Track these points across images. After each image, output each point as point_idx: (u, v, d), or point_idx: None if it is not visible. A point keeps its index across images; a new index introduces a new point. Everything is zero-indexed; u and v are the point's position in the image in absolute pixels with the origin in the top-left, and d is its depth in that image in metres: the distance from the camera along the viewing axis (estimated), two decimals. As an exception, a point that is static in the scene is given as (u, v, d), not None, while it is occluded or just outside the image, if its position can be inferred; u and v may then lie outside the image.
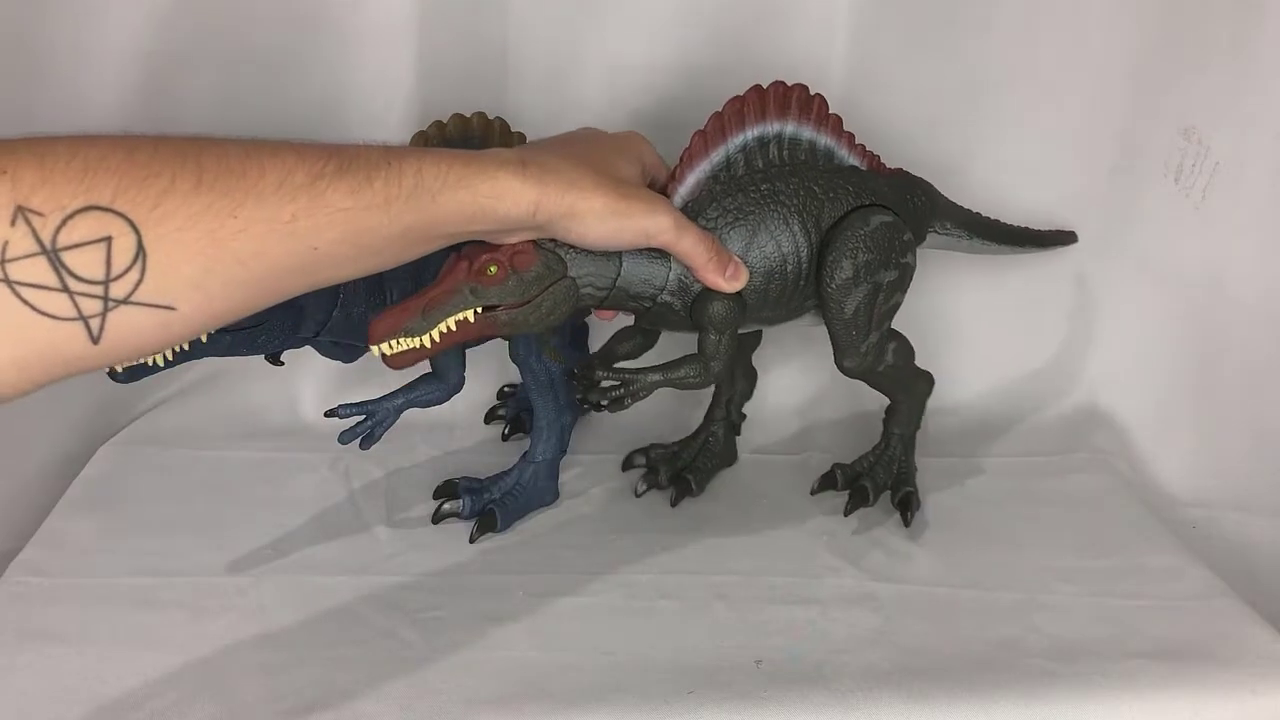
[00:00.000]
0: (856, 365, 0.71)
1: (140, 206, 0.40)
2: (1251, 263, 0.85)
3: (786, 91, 0.66)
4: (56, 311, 0.39)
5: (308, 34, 0.83)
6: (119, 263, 0.40)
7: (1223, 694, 0.60)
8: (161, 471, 0.82)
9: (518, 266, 0.59)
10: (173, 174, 0.41)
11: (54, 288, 0.39)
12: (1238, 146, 0.84)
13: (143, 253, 0.40)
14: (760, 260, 0.66)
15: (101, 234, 0.39)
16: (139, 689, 0.58)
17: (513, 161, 0.53)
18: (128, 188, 0.40)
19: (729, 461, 0.82)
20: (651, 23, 0.84)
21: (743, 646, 0.63)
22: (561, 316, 0.63)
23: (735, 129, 0.65)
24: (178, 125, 0.83)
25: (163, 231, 0.41)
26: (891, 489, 0.77)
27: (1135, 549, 0.75)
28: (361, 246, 0.47)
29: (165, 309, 0.41)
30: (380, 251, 0.49)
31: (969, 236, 0.80)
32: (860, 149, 0.71)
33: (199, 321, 0.43)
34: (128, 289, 0.40)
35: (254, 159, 0.44)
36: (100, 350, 0.41)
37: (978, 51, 0.85)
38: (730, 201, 0.65)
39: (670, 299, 0.64)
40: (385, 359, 0.59)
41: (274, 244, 0.44)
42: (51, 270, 0.39)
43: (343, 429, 0.77)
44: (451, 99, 0.78)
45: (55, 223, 0.38)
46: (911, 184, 0.75)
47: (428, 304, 0.59)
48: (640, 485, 0.79)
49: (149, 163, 0.41)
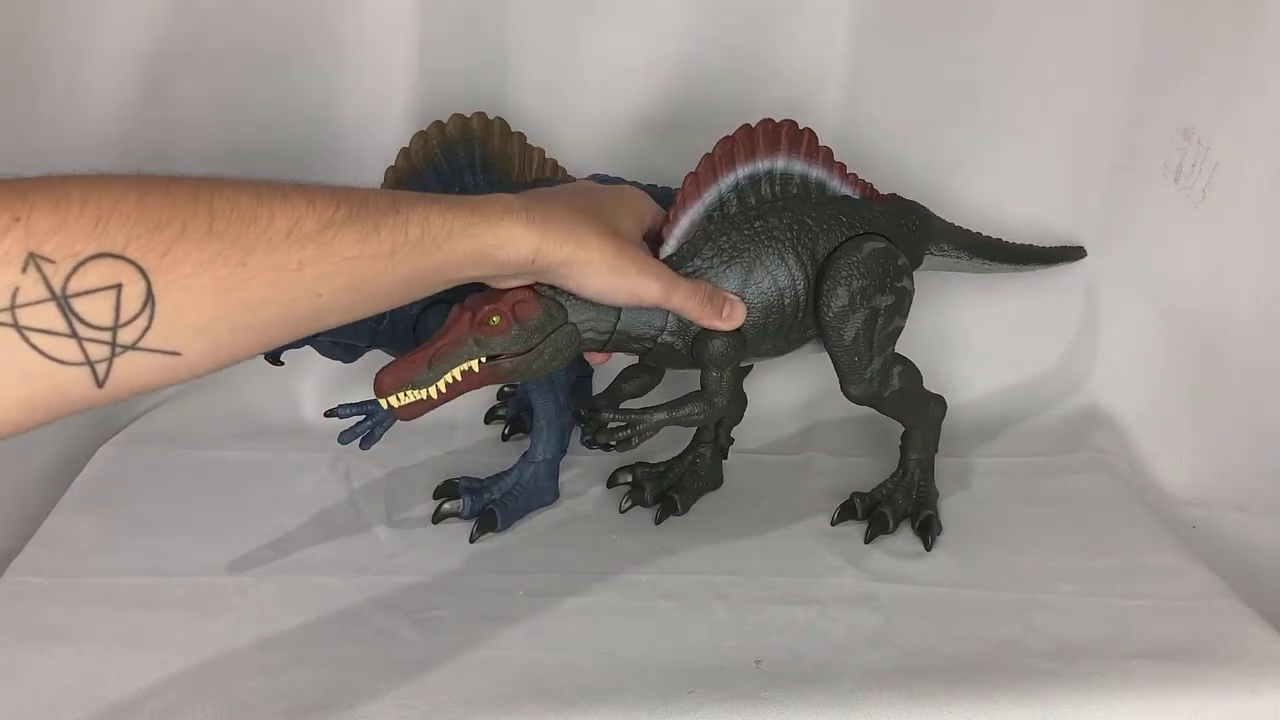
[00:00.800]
0: (862, 391, 0.71)
1: (151, 253, 0.40)
2: (1251, 263, 0.85)
3: (775, 128, 0.67)
4: (64, 356, 0.39)
5: (308, 34, 0.83)
6: (128, 309, 0.40)
7: (1223, 694, 0.60)
8: (161, 471, 0.82)
9: (520, 316, 0.61)
10: (184, 220, 0.41)
11: (63, 333, 0.39)
12: (1238, 146, 0.84)
13: (151, 300, 0.40)
14: (757, 296, 0.67)
15: (112, 281, 0.40)
16: (139, 689, 0.58)
17: (516, 208, 0.54)
18: (140, 234, 0.40)
19: (715, 484, 0.82)
20: (651, 23, 0.84)
21: (743, 646, 0.63)
22: (565, 361, 0.64)
23: (726, 169, 0.66)
24: (178, 125, 0.85)
25: (172, 278, 0.41)
26: (911, 514, 0.77)
27: (1135, 549, 0.75)
28: (365, 294, 0.48)
29: (171, 354, 0.42)
30: (383, 297, 0.50)
31: (969, 257, 0.81)
32: (853, 178, 0.71)
33: (203, 366, 0.44)
34: (135, 335, 0.41)
35: (265, 204, 0.44)
36: (104, 393, 0.41)
37: (977, 52, 0.85)
38: (725, 240, 0.66)
39: (671, 339, 0.66)
40: (393, 411, 0.60)
41: (281, 291, 0.44)
42: (61, 316, 0.39)
43: (343, 429, 0.77)
44: (451, 99, 0.78)
45: (66, 270, 0.39)
46: (905, 209, 0.75)
47: (433, 355, 0.60)
48: (625, 501, 0.79)
49: (161, 208, 0.41)
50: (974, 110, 0.87)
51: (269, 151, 0.87)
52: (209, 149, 0.86)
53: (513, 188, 0.77)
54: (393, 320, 0.73)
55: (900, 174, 0.78)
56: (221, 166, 0.91)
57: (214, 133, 0.85)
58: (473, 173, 0.77)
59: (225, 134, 0.86)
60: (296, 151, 0.87)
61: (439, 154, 0.75)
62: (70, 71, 0.80)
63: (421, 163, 0.75)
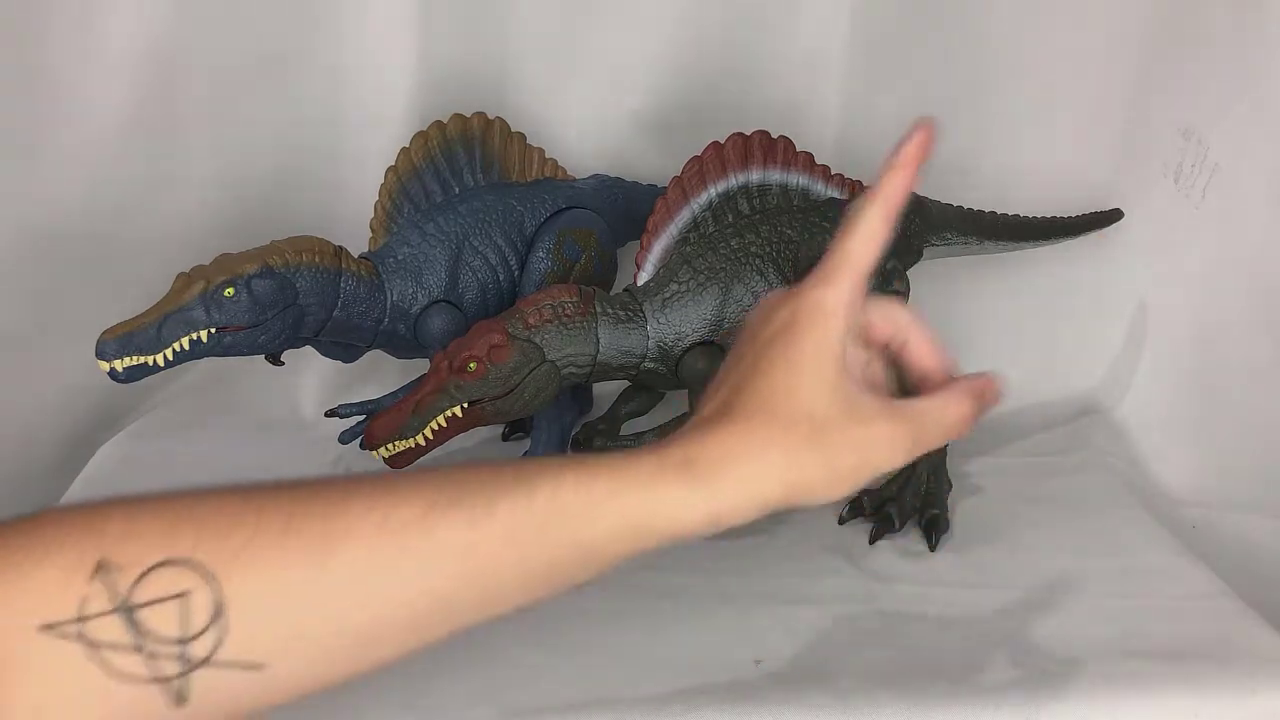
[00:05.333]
0: None
1: (220, 555, 0.36)
2: (1251, 263, 0.85)
3: (745, 141, 0.67)
4: (133, 673, 0.35)
5: (308, 34, 0.83)
6: (198, 621, 0.36)
7: (1223, 694, 0.60)
8: (162, 470, 0.82)
9: (495, 360, 0.62)
10: (258, 518, 0.37)
11: (129, 647, 0.35)
12: (1238, 146, 0.84)
13: (222, 608, 0.36)
14: (739, 314, 0.67)
15: (178, 589, 0.36)
16: (139, 689, 0.58)
17: (674, 462, 0.40)
18: (209, 537, 0.36)
19: None
20: (651, 23, 0.84)
21: (743, 646, 0.63)
22: (549, 398, 0.65)
23: (697, 189, 0.66)
24: (178, 125, 0.85)
25: (245, 583, 0.36)
26: (919, 511, 0.77)
27: (1135, 549, 0.75)
28: (485, 589, 0.40)
29: (254, 668, 0.37)
30: (509, 590, 0.41)
31: (979, 241, 0.80)
32: (838, 179, 0.71)
33: (299, 682, 0.38)
34: (208, 649, 0.36)
35: (356, 495, 0.38)
36: (187, 714, 0.36)
37: (978, 51, 0.85)
38: (701, 262, 0.66)
39: (654, 365, 0.66)
40: (385, 461, 0.62)
41: (373, 593, 0.38)
42: (127, 629, 0.35)
43: (343, 429, 0.77)
44: (451, 99, 0.78)
45: (132, 577, 0.35)
46: None
47: (418, 405, 0.62)
48: None
49: (237, 508, 0.37)
50: (974, 111, 0.87)
51: (269, 152, 0.87)
52: (209, 149, 0.86)
53: (514, 188, 0.78)
54: (393, 320, 0.73)
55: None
56: (221, 166, 0.92)
57: (214, 133, 0.86)
58: (473, 173, 0.77)
59: (226, 134, 0.86)
60: (297, 152, 0.87)
61: (439, 154, 0.75)
62: (70, 71, 0.80)
63: (421, 163, 0.75)
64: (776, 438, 0.40)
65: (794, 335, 0.42)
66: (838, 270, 0.44)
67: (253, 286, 0.66)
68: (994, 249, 0.81)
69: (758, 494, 0.40)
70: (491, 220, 0.76)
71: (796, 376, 0.42)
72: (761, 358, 0.43)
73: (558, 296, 0.66)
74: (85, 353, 0.63)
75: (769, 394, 0.41)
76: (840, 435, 0.41)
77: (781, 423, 0.41)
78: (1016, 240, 0.83)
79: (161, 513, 0.37)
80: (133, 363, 0.64)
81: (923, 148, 0.46)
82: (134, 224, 0.86)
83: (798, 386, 0.41)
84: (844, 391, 0.42)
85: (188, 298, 0.65)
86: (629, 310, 0.68)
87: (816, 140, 0.75)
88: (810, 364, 0.42)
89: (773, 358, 0.42)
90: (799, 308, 0.43)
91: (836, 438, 0.41)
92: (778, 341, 0.43)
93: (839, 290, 0.43)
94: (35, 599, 0.35)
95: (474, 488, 0.39)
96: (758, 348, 0.43)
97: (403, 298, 0.73)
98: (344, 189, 0.86)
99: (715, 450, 0.40)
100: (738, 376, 0.43)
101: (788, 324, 0.43)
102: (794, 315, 0.43)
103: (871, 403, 0.43)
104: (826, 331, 0.42)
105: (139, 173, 0.85)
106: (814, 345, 0.42)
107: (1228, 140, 0.84)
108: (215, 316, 0.65)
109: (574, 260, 0.77)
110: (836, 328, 0.43)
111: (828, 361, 0.42)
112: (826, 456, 0.41)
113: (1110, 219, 0.89)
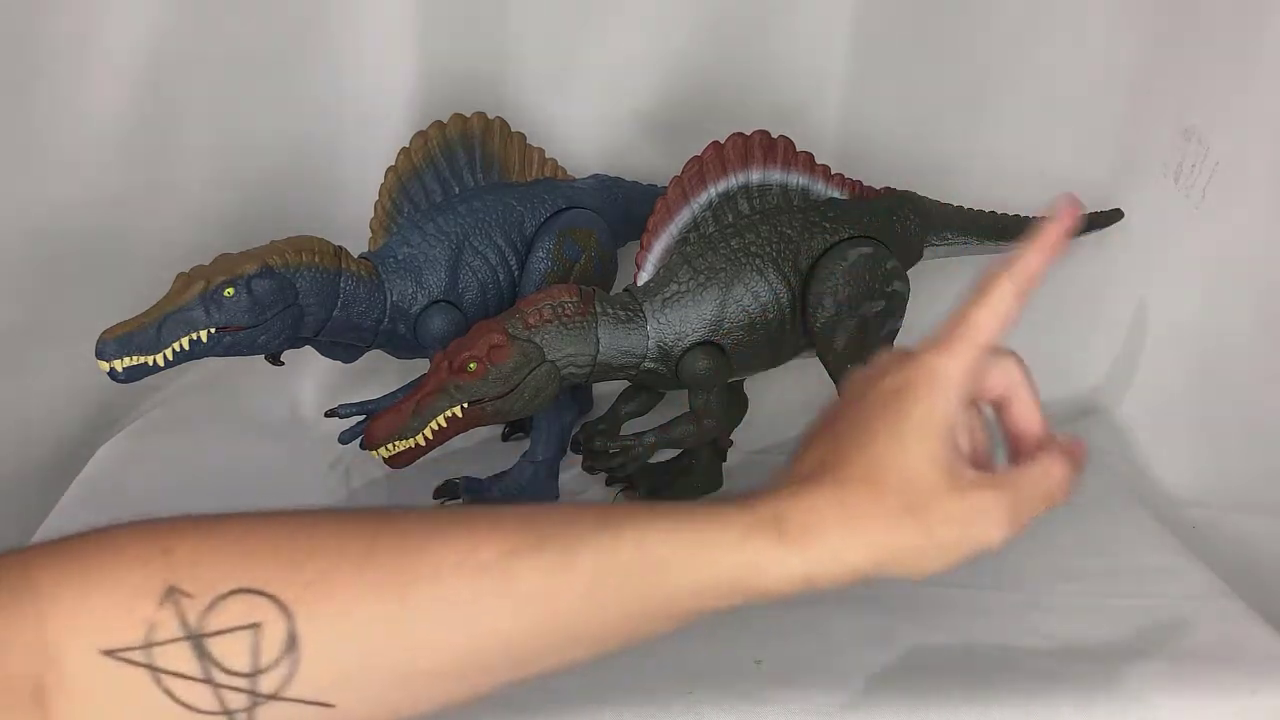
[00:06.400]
0: None
1: (293, 587, 0.35)
2: (1251, 263, 0.85)
3: (745, 141, 0.67)
4: (199, 704, 0.35)
5: (308, 34, 0.83)
6: (269, 654, 0.35)
7: (1223, 694, 0.60)
8: (162, 471, 0.82)
9: (495, 360, 0.62)
10: (339, 549, 0.36)
11: (197, 678, 0.35)
12: (1238, 146, 0.84)
13: (295, 642, 0.35)
14: (739, 314, 0.67)
15: (250, 620, 0.35)
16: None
17: (766, 521, 0.39)
18: (284, 566, 0.36)
19: (714, 486, 0.82)
20: (651, 22, 0.84)
21: (743, 646, 0.63)
22: (549, 398, 0.65)
23: (697, 189, 0.66)
24: (178, 125, 0.85)
25: (319, 618, 0.35)
26: None
27: (1135, 549, 0.75)
28: (563, 636, 0.38)
29: (322, 706, 0.36)
30: (585, 641, 0.39)
31: (979, 241, 0.80)
32: (839, 179, 0.71)
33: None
34: (277, 683, 0.35)
35: (439, 531, 0.37)
36: None
37: (978, 52, 0.85)
38: (701, 262, 0.66)
39: (654, 365, 0.67)
40: (385, 461, 0.62)
41: (448, 634, 0.37)
42: (195, 658, 0.34)
43: (343, 429, 0.77)
44: (451, 99, 0.78)
45: (203, 605, 0.35)
46: (898, 203, 0.74)
47: (418, 405, 0.62)
48: (619, 496, 0.79)
49: (314, 538, 0.37)
50: (974, 111, 0.87)
51: (269, 152, 0.87)
52: (209, 149, 0.86)
53: (514, 188, 0.78)
54: (393, 320, 0.73)
55: (900, 173, 0.78)
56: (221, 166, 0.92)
57: (214, 133, 0.86)
58: (473, 173, 0.77)
59: (225, 134, 0.86)
60: (297, 152, 0.87)
61: (439, 154, 0.75)
62: (70, 71, 0.80)
63: (421, 163, 0.75)
64: (874, 509, 0.39)
65: (905, 403, 0.41)
66: (960, 340, 0.42)
67: (253, 287, 0.66)
68: (994, 249, 0.82)
69: (850, 562, 0.39)
70: (491, 220, 0.76)
71: (901, 446, 0.40)
72: (868, 420, 0.41)
73: (558, 296, 0.66)
74: (85, 353, 0.63)
75: (871, 461, 0.40)
76: (940, 508, 0.40)
77: (881, 493, 0.39)
78: (1016, 240, 0.83)
79: (233, 536, 0.36)
80: (133, 363, 0.64)
81: (1068, 230, 0.44)
82: (134, 224, 0.86)
83: (902, 457, 0.40)
84: (947, 463, 0.40)
85: (187, 298, 0.65)
86: (629, 310, 0.68)
87: (816, 140, 0.75)
88: (917, 434, 0.40)
89: (879, 423, 0.41)
90: (914, 375, 0.41)
91: (936, 511, 0.39)
92: (888, 407, 0.41)
93: (958, 361, 0.42)
94: (99, 621, 0.34)
95: (556, 532, 0.38)
96: (865, 408, 0.41)
97: (403, 298, 0.73)
98: (344, 189, 0.86)
99: (810, 515, 0.39)
100: (839, 435, 0.41)
101: (899, 389, 0.41)
102: (908, 381, 0.41)
103: (972, 475, 0.41)
104: (938, 402, 0.41)
105: (138, 173, 0.85)
106: (924, 415, 0.40)
107: (1228, 140, 0.84)
108: (215, 317, 0.65)
109: (574, 260, 0.77)
110: (949, 399, 0.41)
111: (935, 433, 0.40)
112: (925, 529, 0.39)
113: (1110, 219, 0.89)
